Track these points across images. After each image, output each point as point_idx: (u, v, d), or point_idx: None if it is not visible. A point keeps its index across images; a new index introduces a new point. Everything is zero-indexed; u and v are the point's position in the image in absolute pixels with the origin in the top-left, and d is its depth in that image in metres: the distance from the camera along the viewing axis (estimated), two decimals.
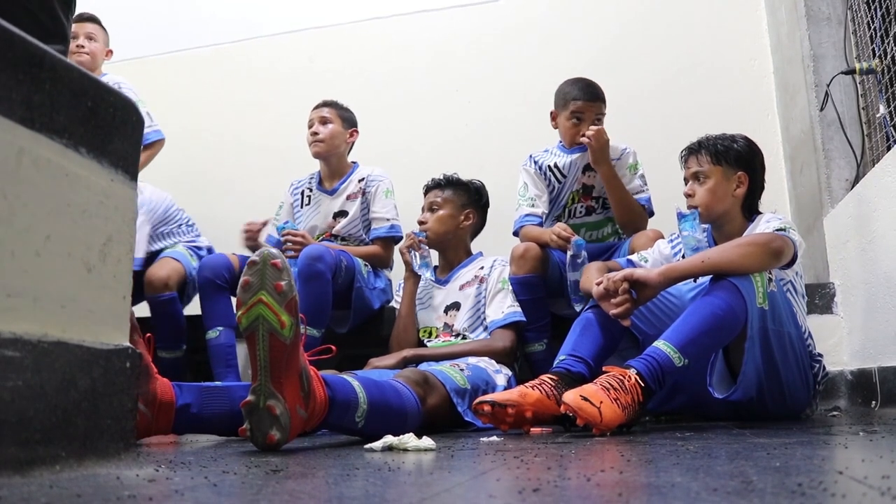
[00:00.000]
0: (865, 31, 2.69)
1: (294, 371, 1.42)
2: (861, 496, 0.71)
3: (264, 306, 1.39)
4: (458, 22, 4.03)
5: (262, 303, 1.39)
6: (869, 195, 2.40)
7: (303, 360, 1.46)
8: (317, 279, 2.57)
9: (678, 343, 1.77)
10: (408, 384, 1.81)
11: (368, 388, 1.61)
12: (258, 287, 1.40)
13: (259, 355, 1.39)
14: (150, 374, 1.64)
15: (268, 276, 1.41)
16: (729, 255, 1.87)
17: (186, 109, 4.12)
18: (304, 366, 1.46)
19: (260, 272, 1.41)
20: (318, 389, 1.48)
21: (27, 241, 0.89)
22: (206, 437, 1.99)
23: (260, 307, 1.39)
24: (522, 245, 2.59)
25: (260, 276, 1.41)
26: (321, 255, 2.58)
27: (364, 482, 0.93)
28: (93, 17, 3.29)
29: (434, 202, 2.71)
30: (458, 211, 2.70)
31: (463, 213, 2.71)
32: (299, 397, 1.42)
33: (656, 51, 3.70)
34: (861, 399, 2.49)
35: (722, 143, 2.16)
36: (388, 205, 2.99)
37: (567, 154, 2.76)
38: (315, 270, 2.56)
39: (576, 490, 0.83)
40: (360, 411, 1.56)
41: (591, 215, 2.76)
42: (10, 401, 0.83)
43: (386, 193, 2.99)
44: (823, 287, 2.77)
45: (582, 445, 1.43)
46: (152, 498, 0.77)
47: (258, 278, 1.41)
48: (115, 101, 1.08)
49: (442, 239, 2.70)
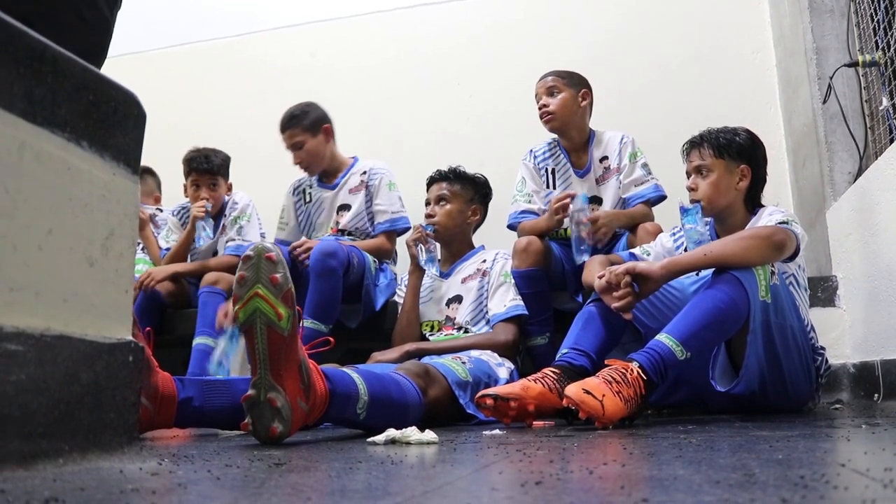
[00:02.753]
0: (868, 23, 2.68)
1: (293, 363, 1.42)
2: (863, 488, 0.71)
3: (260, 299, 1.39)
4: (459, 15, 4.03)
5: (258, 296, 1.39)
6: (871, 188, 2.39)
7: (301, 353, 1.46)
8: (329, 275, 2.57)
9: (680, 336, 1.77)
10: (409, 376, 1.82)
11: (369, 381, 1.61)
12: (254, 281, 1.40)
13: (258, 349, 1.39)
14: (152, 368, 1.64)
15: (263, 269, 1.41)
16: (731, 248, 1.87)
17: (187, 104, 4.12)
18: (304, 358, 1.46)
19: (255, 266, 1.41)
20: (319, 382, 1.48)
21: (29, 236, 0.89)
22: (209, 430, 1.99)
23: (256, 301, 1.39)
24: (525, 239, 2.59)
25: (255, 270, 1.41)
26: (334, 251, 2.59)
27: (367, 475, 0.93)
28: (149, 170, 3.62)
29: (442, 195, 2.69)
30: (466, 206, 2.70)
31: (470, 209, 2.71)
32: (300, 390, 1.43)
33: (658, 43, 3.69)
34: (863, 392, 2.49)
35: (724, 136, 2.16)
36: (392, 197, 3.00)
37: (570, 171, 2.76)
38: (327, 266, 2.57)
39: (578, 483, 0.83)
40: (361, 403, 1.57)
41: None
42: (14, 394, 0.83)
43: (389, 186, 3.00)
44: (826, 280, 2.77)
45: (584, 439, 1.43)
46: (155, 491, 0.77)
47: (253, 272, 1.41)
48: (117, 95, 1.08)
49: (451, 233, 2.70)
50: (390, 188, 3.00)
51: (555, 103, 2.68)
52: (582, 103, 2.73)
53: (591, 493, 0.76)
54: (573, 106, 2.71)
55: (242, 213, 3.23)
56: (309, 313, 2.58)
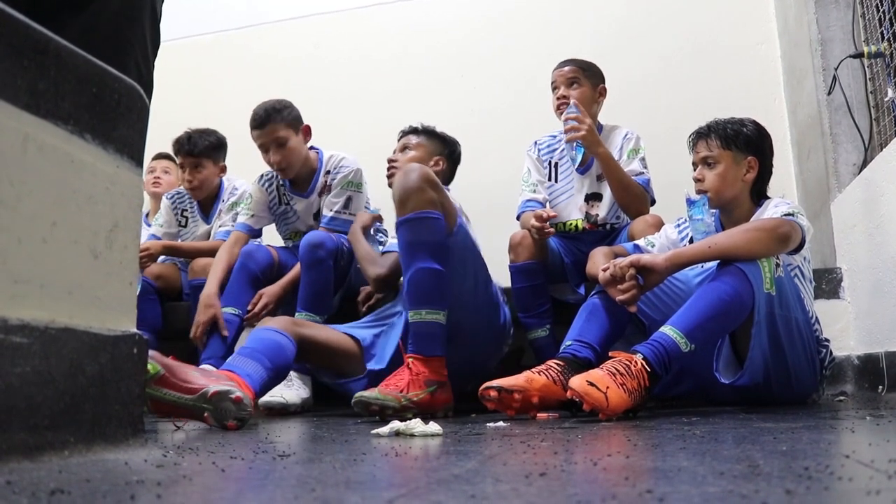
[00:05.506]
0: (874, 14, 2.66)
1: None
2: (868, 479, 0.71)
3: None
4: (462, 7, 4.02)
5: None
6: (876, 179, 2.38)
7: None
8: (318, 266, 2.58)
9: (685, 328, 1.77)
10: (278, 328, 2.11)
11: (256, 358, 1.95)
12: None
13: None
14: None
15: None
16: (736, 240, 1.86)
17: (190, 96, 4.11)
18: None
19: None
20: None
21: (33, 228, 0.90)
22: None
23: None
24: (520, 233, 2.59)
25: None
26: (322, 241, 2.59)
27: (371, 467, 0.93)
28: (169, 155, 3.61)
29: (407, 144, 2.64)
30: (427, 157, 2.61)
31: (432, 160, 2.62)
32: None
33: (662, 34, 3.68)
34: (868, 384, 2.49)
35: (731, 127, 2.15)
36: (341, 196, 2.86)
37: (571, 167, 2.74)
38: (316, 257, 2.57)
39: (582, 474, 0.83)
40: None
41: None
42: (19, 387, 0.83)
43: (345, 185, 2.87)
44: (830, 272, 2.76)
45: (588, 430, 1.43)
46: (160, 483, 0.77)
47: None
48: (120, 88, 1.08)
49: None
50: (344, 186, 2.87)
51: (574, 96, 2.63)
52: (598, 98, 2.71)
53: (595, 484, 0.76)
54: (591, 100, 2.67)
55: (241, 199, 3.22)
56: (302, 305, 2.58)
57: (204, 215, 3.33)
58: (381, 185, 3.01)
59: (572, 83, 2.67)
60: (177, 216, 3.37)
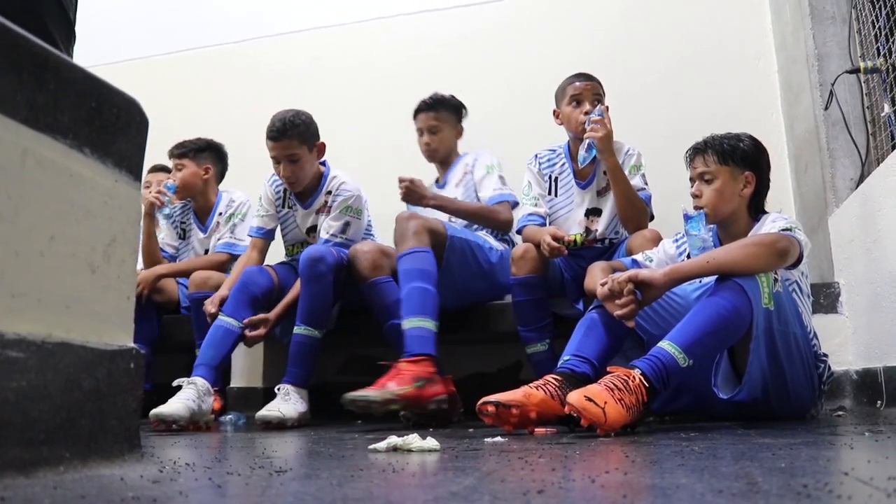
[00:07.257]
0: (870, 29, 2.68)
1: None
2: (867, 497, 0.71)
3: None
4: (461, 21, 4.03)
5: None
6: (874, 194, 2.39)
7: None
8: (318, 280, 2.57)
9: (683, 343, 1.76)
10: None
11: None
12: None
13: None
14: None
15: None
16: (734, 255, 1.87)
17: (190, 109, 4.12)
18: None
19: None
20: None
21: (31, 242, 0.89)
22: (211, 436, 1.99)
23: None
24: (522, 246, 2.59)
25: None
26: (323, 256, 2.58)
27: (368, 483, 0.92)
28: (165, 168, 3.57)
29: (432, 125, 3.06)
30: (453, 129, 3.11)
31: (456, 130, 3.11)
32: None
33: (659, 49, 3.69)
34: (866, 399, 2.49)
35: (728, 142, 2.15)
36: (339, 220, 2.84)
37: (571, 182, 2.75)
38: (317, 272, 2.56)
39: (580, 492, 0.82)
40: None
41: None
42: (15, 401, 0.83)
43: (343, 209, 2.85)
44: (828, 287, 2.76)
45: (586, 446, 1.43)
46: (156, 499, 0.77)
47: None
48: (119, 102, 1.08)
49: (449, 152, 3.09)
50: (343, 211, 2.84)
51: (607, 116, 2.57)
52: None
53: (593, 501, 0.76)
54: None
55: (238, 212, 3.22)
56: (301, 319, 2.57)
57: (200, 224, 3.33)
58: (381, 195, 3.05)
59: (598, 100, 2.66)
60: (176, 229, 3.38)
